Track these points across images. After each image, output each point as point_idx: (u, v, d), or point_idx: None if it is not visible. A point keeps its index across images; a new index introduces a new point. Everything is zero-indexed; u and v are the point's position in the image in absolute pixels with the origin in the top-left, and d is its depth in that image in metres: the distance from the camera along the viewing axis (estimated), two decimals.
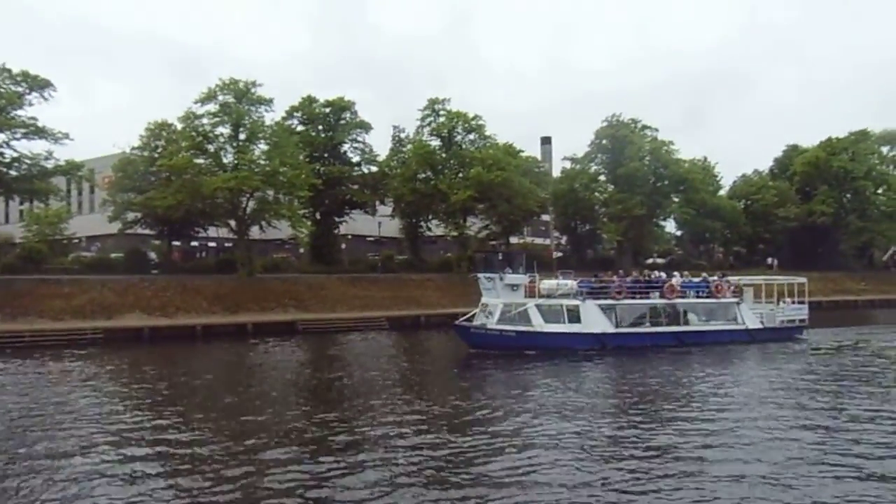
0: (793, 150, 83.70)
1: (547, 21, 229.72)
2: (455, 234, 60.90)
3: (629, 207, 61.94)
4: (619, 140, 64.11)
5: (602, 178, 67.98)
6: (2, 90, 42.32)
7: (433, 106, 60.80)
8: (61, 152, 49.13)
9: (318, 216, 57.68)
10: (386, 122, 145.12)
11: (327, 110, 57.89)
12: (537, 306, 31.61)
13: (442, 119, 60.51)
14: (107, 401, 21.04)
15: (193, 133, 48.16)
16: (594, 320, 32.25)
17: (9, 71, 42.86)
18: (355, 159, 59.68)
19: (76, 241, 58.99)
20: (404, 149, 61.29)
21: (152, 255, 52.64)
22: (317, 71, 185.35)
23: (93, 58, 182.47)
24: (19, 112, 43.09)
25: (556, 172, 75.55)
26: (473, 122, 60.90)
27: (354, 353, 33.24)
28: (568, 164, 70.65)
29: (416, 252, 62.68)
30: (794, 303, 38.30)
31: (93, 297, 41.33)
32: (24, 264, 45.06)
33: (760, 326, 35.82)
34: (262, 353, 34.44)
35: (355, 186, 58.22)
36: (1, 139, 42.50)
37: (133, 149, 50.49)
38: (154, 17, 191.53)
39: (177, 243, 56.80)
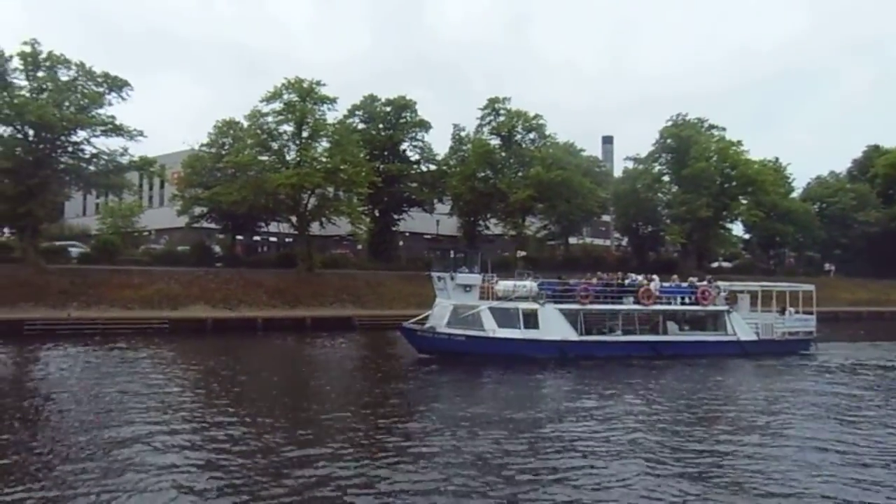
0: (874, 151, 79.93)
1: (608, 18, 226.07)
2: (513, 233, 60.77)
3: (694, 209, 60.33)
4: (685, 140, 62.48)
5: (666, 178, 66.35)
6: (85, 90, 44.31)
7: (493, 105, 60.81)
8: (135, 149, 51.36)
9: (376, 213, 58.48)
10: (444, 122, 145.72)
11: (388, 109, 58.59)
12: (490, 309, 28.61)
13: (502, 118, 60.44)
14: (169, 387, 22.02)
15: (258, 131, 49.66)
16: (554, 326, 29.01)
17: (91, 72, 44.89)
18: (414, 158, 60.23)
19: (146, 233, 61.55)
20: (464, 147, 61.43)
21: (217, 248, 54.42)
22: (376, 71, 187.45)
23: (167, 61, 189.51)
24: (99, 111, 45.06)
25: (617, 172, 74.27)
26: (533, 121, 60.64)
27: (407, 349, 33.58)
28: (630, 164, 69.30)
29: (473, 250, 62.59)
30: (797, 313, 34.22)
31: (160, 288, 43.07)
32: (98, 255, 47.42)
33: (755, 338, 31.97)
34: (319, 347, 35.28)
35: (414, 184, 58.70)
36: (82, 136, 44.47)
37: (201, 146, 52.50)
38: (222, 23, 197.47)
39: (240, 238, 58.54)
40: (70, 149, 44.36)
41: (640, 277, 33.52)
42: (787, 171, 72.40)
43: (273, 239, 65.68)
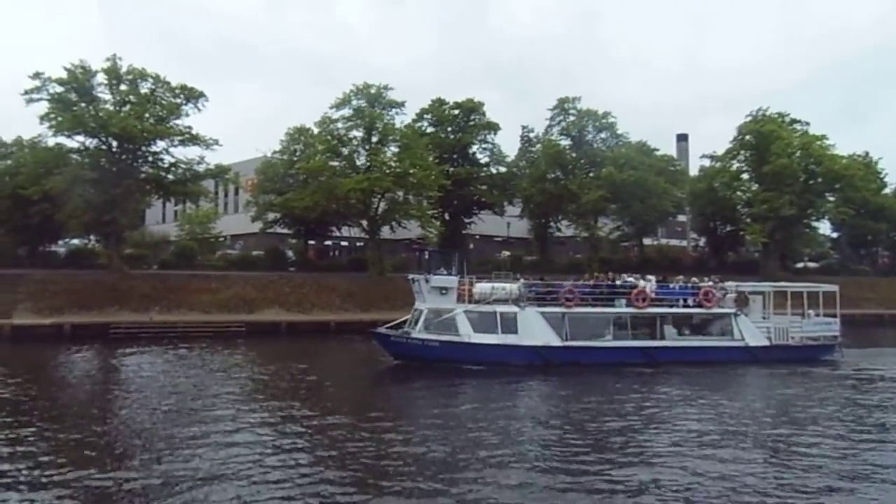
0: None
1: (681, 11, 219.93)
2: (585, 234, 59.58)
3: (776, 207, 57.55)
4: (765, 135, 59.71)
5: (745, 176, 63.63)
6: (163, 102, 45.79)
7: (563, 105, 59.93)
8: (211, 157, 52.84)
9: (446, 216, 58.32)
10: (513, 123, 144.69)
11: (456, 112, 58.37)
12: (466, 313, 26.83)
13: (572, 118, 59.48)
14: (248, 388, 22.59)
15: (329, 137, 50.25)
16: (534, 331, 26.99)
17: (168, 84, 46.34)
18: (484, 160, 59.81)
19: (222, 239, 63.23)
20: (533, 149, 60.79)
21: (290, 253, 55.36)
22: (443, 74, 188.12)
23: (239, 71, 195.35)
24: (177, 121, 46.46)
25: (693, 171, 71.94)
26: (605, 121, 59.42)
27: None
28: (707, 162, 66.91)
29: (544, 253, 61.84)
30: (817, 315, 31.16)
31: (236, 292, 43.99)
32: (177, 261, 49.02)
33: (766, 344, 29.23)
34: None
35: (484, 187, 58.30)
36: (161, 146, 45.98)
37: (274, 153, 53.44)
38: (293, 32, 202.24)
39: (312, 242, 59.40)
40: (150, 159, 45.96)
41: (632, 278, 30.99)
42: (878, 166, 68.49)
43: (344, 243, 66.45)
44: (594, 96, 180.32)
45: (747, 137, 61.90)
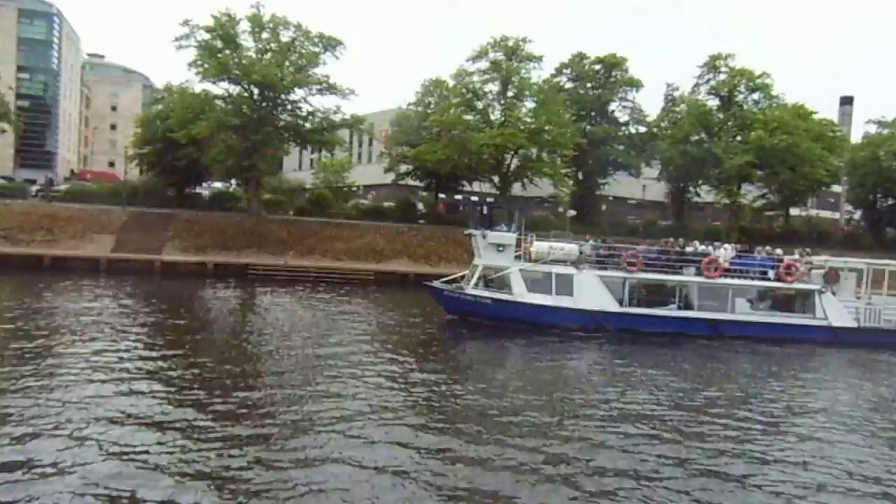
0: None
1: None
2: (727, 201, 55.72)
3: None
4: None
5: None
6: (303, 51, 46.35)
7: (714, 62, 55.83)
8: (346, 107, 53.48)
9: (580, 176, 56.37)
10: (656, 81, 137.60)
11: (597, 67, 55.89)
12: (521, 272, 25.85)
13: (722, 76, 55.29)
14: (376, 331, 22.62)
15: (464, 90, 49.47)
16: (591, 294, 25.64)
17: (308, 32, 46.84)
18: (623, 119, 57.30)
19: (355, 189, 64.30)
20: (677, 109, 57.16)
21: (420, 205, 55.40)
22: (586, 26, 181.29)
23: (377, 20, 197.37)
24: (315, 70, 46.99)
25: (856, 137, 65.46)
26: (759, 81, 54.85)
27: None
28: (873, 129, 60.67)
29: (680, 218, 58.59)
30: None
31: (367, 241, 44.56)
32: (312, 208, 50.20)
33: (854, 325, 26.37)
34: None
35: (621, 147, 55.87)
36: (300, 95, 46.78)
37: (408, 105, 53.17)
38: None
39: (442, 196, 59.16)
40: (289, 107, 46.95)
41: (709, 248, 28.45)
42: None
43: (474, 198, 65.89)
44: (748, 54, 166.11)
45: None
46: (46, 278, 31.69)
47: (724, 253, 27.78)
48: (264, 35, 45.39)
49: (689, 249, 27.96)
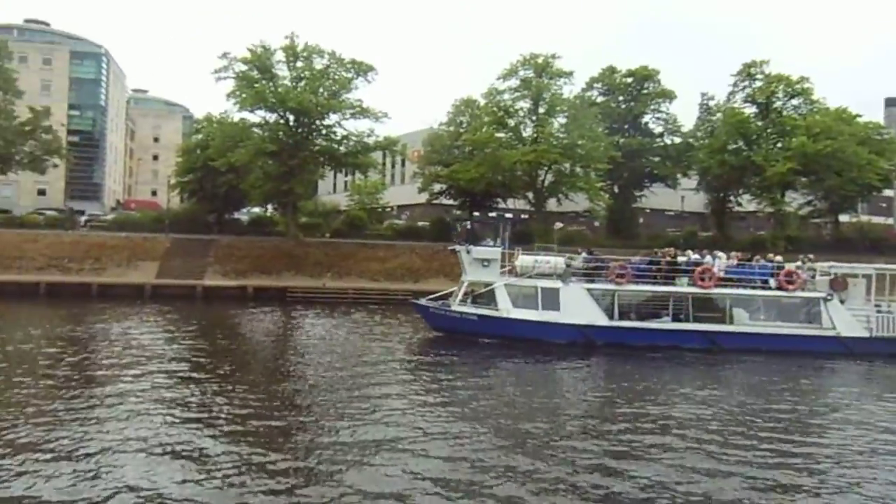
0: None
1: None
2: (770, 210, 54.49)
3: None
4: None
5: None
6: (336, 77, 47.21)
7: (748, 70, 54.87)
8: (379, 129, 53.97)
9: (615, 189, 55.95)
10: (690, 91, 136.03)
11: (629, 80, 55.61)
12: (506, 286, 25.15)
13: (759, 83, 54.28)
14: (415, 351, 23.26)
15: (495, 108, 49.76)
16: (578, 308, 24.70)
17: (341, 59, 47.68)
18: (657, 130, 56.75)
19: (389, 209, 64.82)
20: (713, 118, 56.39)
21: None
22: (616, 38, 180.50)
23: (406, 42, 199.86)
24: (348, 95, 47.77)
25: None
26: (798, 86, 53.66)
27: None
28: None
29: (721, 229, 57.47)
30: None
31: (403, 261, 44.83)
32: (348, 230, 50.83)
33: (865, 335, 24.64)
34: None
35: (656, 159, 55.29)
36: (334, 120, 47.58)
37: (440, 125, 53.60)
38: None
39: (476, 214, 59.15)
40: (323, 131, 47.73)
41: (697, 255, 27.22)
42: None
43: (509, 215, 65.76)
44: (785, 59, 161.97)
45: None
46: (94, 305, 32.76)
47: (718, 262, 26.62)
48: (299, 64, 46.38)
49: (681, 259, 26.90)
